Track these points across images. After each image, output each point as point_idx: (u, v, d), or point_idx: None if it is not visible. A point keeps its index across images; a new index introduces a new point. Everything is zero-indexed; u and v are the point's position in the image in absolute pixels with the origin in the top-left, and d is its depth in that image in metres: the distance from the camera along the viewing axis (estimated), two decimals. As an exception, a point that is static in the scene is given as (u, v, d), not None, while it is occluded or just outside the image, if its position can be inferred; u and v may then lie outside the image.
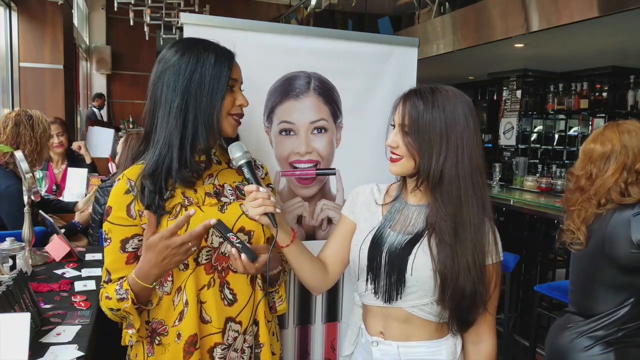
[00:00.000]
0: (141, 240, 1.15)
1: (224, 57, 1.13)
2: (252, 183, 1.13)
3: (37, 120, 2.49)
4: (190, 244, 1.03)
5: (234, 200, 1.19)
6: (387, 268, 1.15)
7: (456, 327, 1.17)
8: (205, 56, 1.11)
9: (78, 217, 2.62)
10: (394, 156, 1.16)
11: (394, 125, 1.17)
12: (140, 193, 1.11)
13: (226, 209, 1.16)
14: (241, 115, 1.19)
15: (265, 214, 1.09)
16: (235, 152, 1.15)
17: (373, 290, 1.19)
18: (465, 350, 1.22)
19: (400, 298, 1.15)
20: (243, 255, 1.07)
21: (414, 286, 1.13)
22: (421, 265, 1.12)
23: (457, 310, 1.12)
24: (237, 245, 1.07)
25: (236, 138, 1.23)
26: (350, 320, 1.34)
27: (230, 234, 1.08)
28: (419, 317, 1.16)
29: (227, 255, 1.15)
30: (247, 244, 1.09)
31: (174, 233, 1.02)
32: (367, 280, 1.20)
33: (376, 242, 1.18)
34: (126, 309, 1.10)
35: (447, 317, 1.15)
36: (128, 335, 1.16)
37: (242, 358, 1.19)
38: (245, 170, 1.14)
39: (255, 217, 1.10)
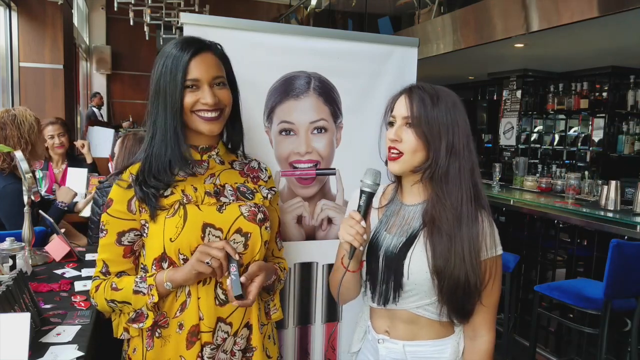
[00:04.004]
0: (137, 234, 1.16)
1: (183, 57, 1.11)
2: (361, 211, 1.12)
3: (22, 118, 2.36)
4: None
5: (233, 200, 1.19)
6: (384, 272, 1.16)
7: (456, 319, 1.16)
8: (167, 60, 1.11)
9: (62, 198, 2.52)
10: (394, 153, 1.14)
11: (391, 123, 1.16)
12: (137, 188, 1.13)
13: (224, 209, 1.16)
14: (210, 111, 1.13)
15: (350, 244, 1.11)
16: (368, 178, 1.13)
17: (371, 295, 1.20)
18: (464, 341, 1.23)
19: (398, 302, 1.15)
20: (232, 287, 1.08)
21: (412, 289, 1.14)
22: (417, 268, 1.12)
23: (453, 301, 1.11)
24: (232, 276, 1.08)
25: (239, 138, 1.24)
26: (360, 318, 1.34)
27: (233, 263, 1.09)
28: (424, 318, 1.17)
29: None
30: (240, 279, 1.08)
31: None
32: (366, 285, 1.21)
33: (373, 247, 1.19)
34: (148, 305, 1.11)
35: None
36: (122, 329, 1.17)
37: None
38: (364, 197, 1.13)
39: (341, 240, 1.12)
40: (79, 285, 1.63)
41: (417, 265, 1.12)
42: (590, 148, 5.76)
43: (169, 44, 1.16)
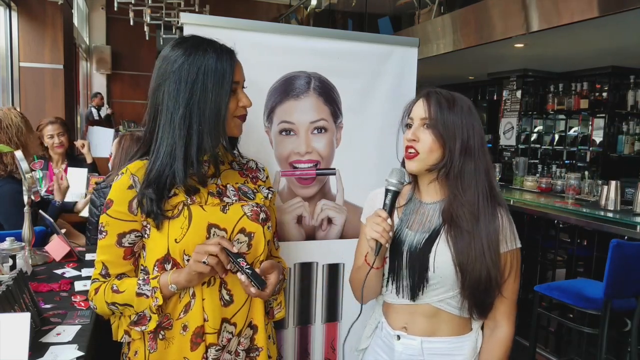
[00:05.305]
0: (138, 236, 1.15)
1: (226, 61, 1.10)
2: (387, 209, 1.15)
3: (8, 122, 2.29)
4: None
5: (236, 201, 1.19)
6: (409, 267, 1.18)
7: (476, 314, 1.19)
8: (206, 62, 1.08)
9: (57, 196, 2.51)
10: (410, 152, 1.18)
11: (408, 125, 1.20)
12: (147, 201, 1.10)
13: (228, 209, 1.16)
14: (245, 114, 1.18)
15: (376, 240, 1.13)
16: (393, 178, 1.16)
17: (395, 290, 1.21)
18: (483, 335, 1.24)
19: (423, 294, 1.18)
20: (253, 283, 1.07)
21: (438, 283, 1.16)
22: (443, 262, 1.15)
23: (475, 295, 1.15)
24: (247, 271, 1.07)
25: (235, 138, 1.23)
26: (370, 317, 1.35)
27: (241, 259, 1.08)
28: (445, 312, 1.19)
29: None
30: (255, 270, 1.08)
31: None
32: (388, 280, 1.23)
33: (396, 244, 1.21)
34: (152, 308, 1.10)
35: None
36: (122, 332, 1.16)
37: None
38: (389, 196, 1.16)
39: (367, 237, 1.14)
40: (79, 285, 1.63)
41: (442, 259, 1.15)
42: (590, 148, 5.76)
43: (176, 47, 1.12)
